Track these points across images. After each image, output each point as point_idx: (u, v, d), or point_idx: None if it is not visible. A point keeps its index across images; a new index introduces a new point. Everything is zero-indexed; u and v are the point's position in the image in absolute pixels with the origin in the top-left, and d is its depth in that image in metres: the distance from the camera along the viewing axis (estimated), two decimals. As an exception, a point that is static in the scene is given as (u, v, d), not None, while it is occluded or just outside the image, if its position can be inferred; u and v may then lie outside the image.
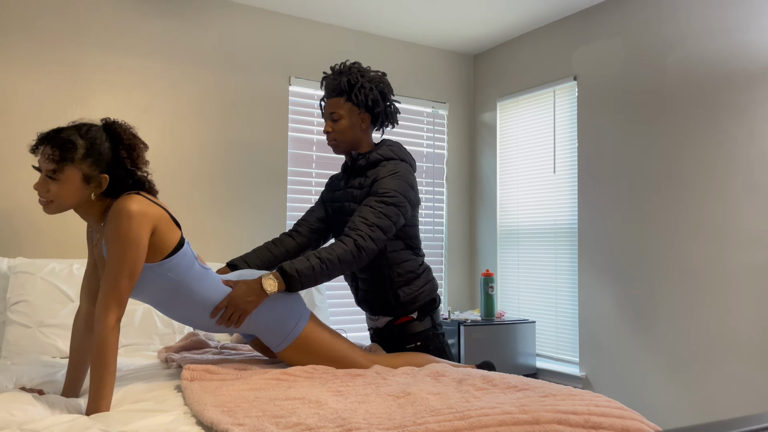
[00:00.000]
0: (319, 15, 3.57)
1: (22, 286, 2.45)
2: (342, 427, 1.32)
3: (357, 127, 2.13)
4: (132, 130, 1.70)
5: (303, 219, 2.31)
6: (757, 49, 2.64)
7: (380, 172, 2.06)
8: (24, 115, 2.84)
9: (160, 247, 1.65)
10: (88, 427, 1.39)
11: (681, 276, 2.87)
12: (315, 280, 1.88)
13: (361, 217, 1.95)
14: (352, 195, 2.13)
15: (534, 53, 3.76)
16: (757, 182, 2.61)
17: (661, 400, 2.93)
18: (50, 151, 1.57)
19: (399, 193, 2.01)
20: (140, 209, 1.59)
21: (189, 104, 3.23)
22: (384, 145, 2.15)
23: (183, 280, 1.71)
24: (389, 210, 1.98)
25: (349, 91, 2.09)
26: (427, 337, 2.14)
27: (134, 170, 1.67)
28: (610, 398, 1.73)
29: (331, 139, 2.15)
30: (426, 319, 2.15)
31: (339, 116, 2.11)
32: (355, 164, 2.14)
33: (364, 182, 2.10)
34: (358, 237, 1.92)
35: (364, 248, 1.92)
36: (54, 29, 2.92)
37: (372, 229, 1.94)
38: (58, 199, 1.59)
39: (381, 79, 2.14)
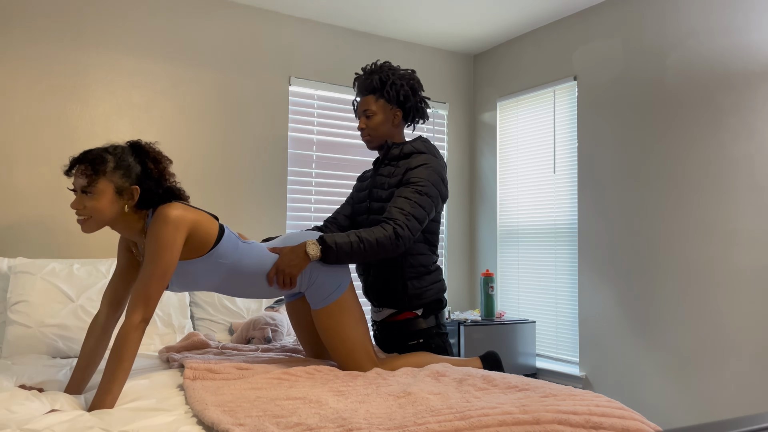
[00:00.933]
0: (319, 15, 3.57)
1: (23, 286, 2.45)
2: (342, 427, 1.32)
3: (390, 122, 2.20)
4: (156, 146, 1.83)
5: (332, 217, 2.35)
6: (757, 49, 2.64)
7: (413, 163, 2.10)
8: (24, 115, 2.84)
9: (204, 242, 1.78)
10: (88, 427, 1.39)
11: (681, 276, 2.87)
12: (350, 256, 1.91)
13: (397, 207, 1.99)
14: (380, 182, 2.17)
15: (534, 53, 3.76)
16: (757, 182, 2.61)
17: (662, 400, 2.93)
18: (83, 167, 1.67)
19: (432, 184, 2.05)
20: (177, 215, 1.70)
21: (189, 104, 3.23)
22: (418, 139, 2.20)
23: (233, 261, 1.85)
24: (423, 200, 2.01)
25: (381, 88, 2.17)
26: (430, 335, 2.15)
27: (164, 180, 1.78)
28: (611, 398, 1.73)
29: (365, 134, 2.21)
30: (430, 318, 2.16)
31: (372, 113, 2.18)
32: (388, 153, 2.19)
33: (395, 171, 2.14)
34: (396, 226, 1.95)
35: (401, 236, 1.95)
36: (54, 29, 2.92)
37: (408, 218, 1.97)
38: (95, 213, 1.68)
39: (411, 75, 2.20)
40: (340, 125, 3.72)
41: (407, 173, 2.08)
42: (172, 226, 1.68)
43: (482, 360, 2.11)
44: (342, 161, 3.72)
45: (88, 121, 2.98)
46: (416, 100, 2.21)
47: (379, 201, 2.15)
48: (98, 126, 3.00)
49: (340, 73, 3.72)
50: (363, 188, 2.28)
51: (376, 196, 2.17)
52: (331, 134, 3.69)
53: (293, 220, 3.54)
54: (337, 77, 3.70)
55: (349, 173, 3.74)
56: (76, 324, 2.45)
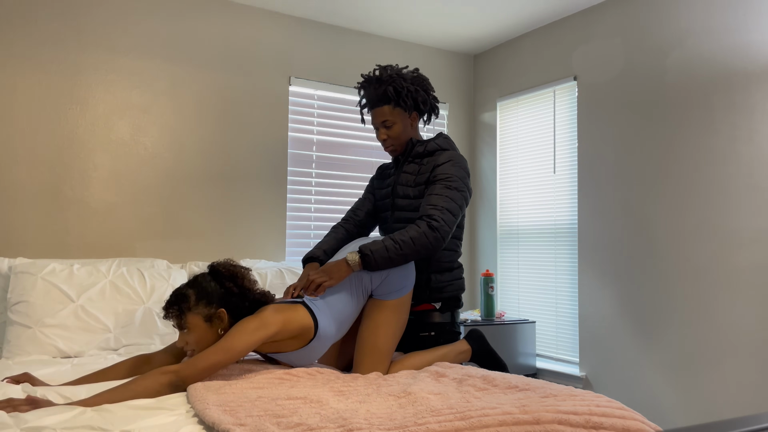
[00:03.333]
0: (319, 15, 3.57)
1: (23, 286, 2.45)
2: (343, 427, 1.32)
3: (409, 127, 2.23)
4: (231, 261, 1.93)
5: (352, 214, 2.37)
6: (757, 49, 2.64)
7: (439, 159, 2.12)
8: (24, 115, 2.84)
9: (301, 333, 1.85)
10: (89, 426, 1.39)
11: (681, 276, 2.87)
12: (390, 260, 1.94)
13: (430, 205, 2.01)
14: (405, 180, 2.19)
15: (534, 53, 3.76)
16: (757, 182, 2.61)
17: (662, 400, 2.93)
18: (172, 309, 1.82)
19: (460, 179, 2.07)
20: (266, 315, 1.78)
21: (189, 104, 3.23)
22: (440, 136, 2.24)
23: (333, 334, 1.96)
24: (454, 194, 2.04)
25: (396, 98, 2.17)
26: (443, 330, 2.17)
27: (247, 293, 1.88)
28: (611, 398, 1.73)
29: (389, 145, 2.24)
30: (447, 314, 2.19)
31: (392, 123, 2.19)
32: (413, 151, 2.21)
33: (420, 169, 2.16)
34: (430, 220, 1.97)
35: (437, 229, 1.96)
36: (54, 29, 2.92)
37: (442, 212, 1.99)
38: (198, 345, 1.81)
39: (419, 76, 2.22)
40: (340, 125, 3.72)
41: (435, 170, 2.10)
42: (260, 322, 1.76)
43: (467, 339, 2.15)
44: (342, 161, 3.72)
45: (88, 121, 2.98)
46: (430, 100, 2.24)
47: (406, 198, 2.18)
48: (98, 126, 3.00)
49: (340, 73, 3.72)
50: (385, 185, 2.30)
51: (401, 193, 2.19)
52: (331, 134, 3.69)
53: (293, 220, 3.54)
54: (337, 77, 3.70)
55: (349, 173, 3.74)
56: (76, 324, 2.45)
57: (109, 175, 3.01)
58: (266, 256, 3.40)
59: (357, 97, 3.76)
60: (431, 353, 2.07)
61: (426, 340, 2.16)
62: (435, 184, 2.07)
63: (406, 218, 2.16)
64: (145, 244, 3.06)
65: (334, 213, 3.66)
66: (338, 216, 3.68)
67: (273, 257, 3.43)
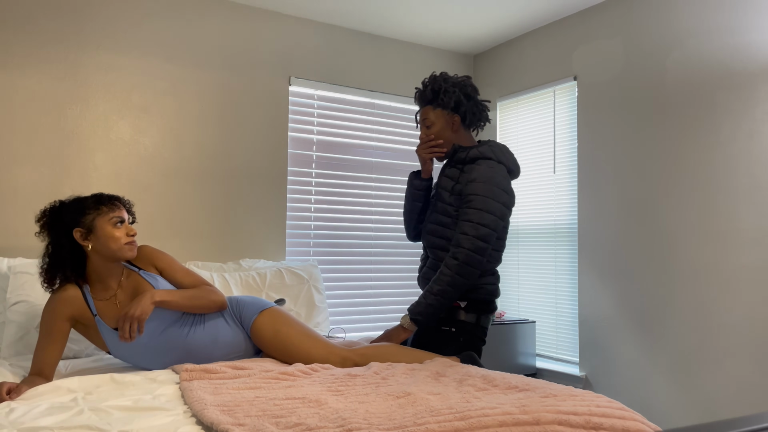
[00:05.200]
0: (319, 15, 3.57)
1: (22, 286, 2.45)
2: (342, 428, 1.32)
3: (449, 128, 2.28)
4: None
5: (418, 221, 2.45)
6: (757, 49, 2.63)
7: (473, 174, 2.15)
8: (24, 115, 2.84)
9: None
10: (87, 426, 1.39)
11: (681, 276, 2.87)
12: (434, 313, 2.12)
13: (462, 233, 2.10)
14: (444, 183, 2.27)
15: (534, 53, 3.75)
16: (757, 182, 2.61)
17: (662, 400, 2.92)
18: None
19: (490, 198, 2.11)
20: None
21: (189, 104, 3.23)
22: (486, 144, 2.27)
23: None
24: (484, 217, 2.09)
25: (435, 97, 2.26)
26: (464, 329, 2.20)
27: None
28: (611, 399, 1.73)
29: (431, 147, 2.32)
30: (471, 315, 2.21)
31: (431, 122, 2.28)
32: (455, 156, 2.27)
33: (460, 177, 2.22)
34: (460, 254, 2.08)
35: (468, 263, 2.08)
36: (54, 29, 2.91)
37: (472, 241, 2.08)
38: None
39: (464, 81, 2.28)
40: (340, 125, 3.72)
41: (467, 186, 2.15)
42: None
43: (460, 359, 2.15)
44: (342, 161, 3.72)
45: (88, 121, 2.98)
46: (470, 104, 2.27)
47: (443, 202, 2.25)
48: (98, 126, 3.00)
49: (340, 73, 3.72)
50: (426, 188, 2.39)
51: (440, 197, 2.27)
52: (331, 134, 3.69)
53: (293, 220, 3.54)
54: (337, 77, 3.70)
55: (349, 173, 3.73)
56: (76, 324, 2.44)
57: (109, 175, 3.01)
58: (266, 256, 3.40)
59: (357, 98, 3.78)
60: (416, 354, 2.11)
61: (446, 335, 2.20)
62: (467, 209, 2.12)
63: (441, 222, 2.24)
64: (145, 245, 3.06)
65: (334, 213, 3.66)
66: (338, 216, 3.68)
67: (273, 257, 3.42)
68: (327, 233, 3.64)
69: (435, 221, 2.26)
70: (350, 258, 3.71)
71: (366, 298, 3.76)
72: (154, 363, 2.08)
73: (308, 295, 3.10)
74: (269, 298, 2.98)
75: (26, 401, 1.65)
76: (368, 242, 3.78)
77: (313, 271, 3.21)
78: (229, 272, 2.99)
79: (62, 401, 1.62)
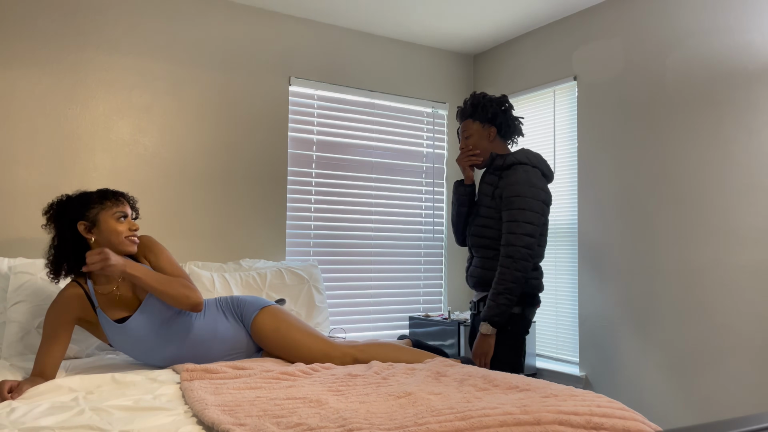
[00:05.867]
0: (319, 15, 3.57)
1: (22, 286, 2.45)
2: (343, 427, 1.32)
3: (485, 138, 2.51)
4: None
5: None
6: (757, 49, 2.64)
7: (511, 178, 2.36)
8: (24, 115, 2.84)
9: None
10: (88, 426, 1.39)
11: (681, 276, 2.87)
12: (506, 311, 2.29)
13: (511, 233, 2.31)
14: (484, 189, 2.49)
15: (534, 53, 3.76)
16: (757, 182, 2.61)
17: (662, 400, 2.93)
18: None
19: (529, 197, 2.32)
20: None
21: (189, 104, 3.23)
22: (521, 151, 2.47)
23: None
24: (527, 215, 2.30)
25: (473, 111, 2.51)
26: (511, 320, 2.36)
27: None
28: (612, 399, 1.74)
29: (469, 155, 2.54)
30: (518, 307, 2.38)
31: (469, 134, 2.53)
32: (493, 163, 2.48)
33: (498, 183, 2.42)
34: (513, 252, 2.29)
35: (519, 259, 2.28)
36: (54, 29, 2.91)
37: (519, 237, 2.29)
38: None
39: (500, 98, 2.52)
40: (340, 125, 3.72)
41: (506, 189, 2.35)
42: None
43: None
44: (342, 161, 3.72)
45: (88, 121, 2.98)
46: (506, 117, 2.51)
47: (485, 206, 2.46)
48: (98, 126, 3.00)
49: (340, 73, 3.72)
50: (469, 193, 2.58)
51: (482, 202, 2.49)
52: (331, 134, 3.69)
53: (293, 220, 3.54)
54: (337, 77, 3.70)
55: (349, 173, 3.73)
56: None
57: (109, 175, 3.01)
58: (266, 256, 3.40)
59: (357, 98, 3.78)
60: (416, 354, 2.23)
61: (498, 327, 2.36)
62: (509, 211, 2.33)
63: (484, 224, 2.45)
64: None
65: (334, 213, 3.66)
66: (338, 216, 3.68)
67: (273, 257, 3.43)
68: (327, 233, 3.64)
69: (479, 224, 2.46)
70: (350, 258, 3.71)
71: (366, 298, 3.76)
72: (155, 355, 2.10)
73: (308, 295, 3.10)
74: (269, 298, 2.98)
75: (27, 401, 1.65)
76: (368, 242, 3.78)
77: (313, 271, 3.21)
78: (229, 272, 2.99)
79: (63, 401, 1.62)
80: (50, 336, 1.98)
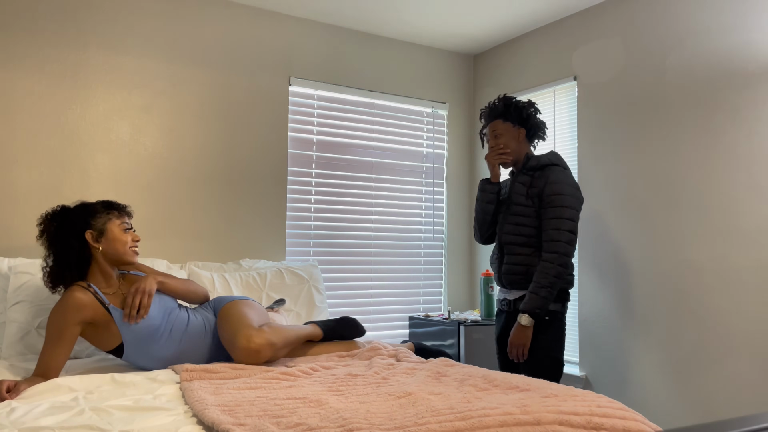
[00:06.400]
0: (319, 15, 3.57)
1: (22, 286, 2.45)
2: (343, 428, 1.32)
3: (515, 139, 2.60)
4: None
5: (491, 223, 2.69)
6: (757, 49, 2.64)
7: (550, 177, 2.46)
8: (24, 115, 2.84)
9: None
10: (88, 426, 1.39)
11: (681, 276, 2.87)
12: (547, 305, 2.39)
13: (553, 229, 2.41)
14: (519, 189, 2.55)
15: (534, 53, 3.76)
16: (757, 182, 2.61)
17: (662, 400, 2.93)
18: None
19: (569, 195, 2.43)
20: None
21: (189, 104, 3.23)
22: (551, 153, 2.58)
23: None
24: (569, 212, 2.41)
25: (505, 111, 2.59)
26: (555, 316, 2.48)
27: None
28: (612, 399, 1.74)
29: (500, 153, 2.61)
30: (557, 303, 2.49)
31: (500, 133, 2.59)
32: (527, 163, 2.55)
33: (532, 182, 2.51)
34: (558, 247, 2.39)
35: (566, 254, 2.39)
36: (54, 29, 2.91)
37: (565, 235, 2.40)
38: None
39: (529, 102, 2.62)
40: (340, 125, 3.72)
41: (547, 187, 2.44)
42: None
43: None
44: (342, 161, 3.72)
45: (88, 121, 2.98)
46: (535, 121, 2.61)
47: (519, 205, 2.53)
48: (98, 126, 3.00)
49: (340, 73, 3.72)
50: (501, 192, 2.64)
51: (515, 201, 2.55)
52: (331, 134, 3.69)
53: (293, 220, 3.54)
54: (337, 77, 3.70)
55: (349, 173, 3.73)
56: (76, 324, 2.44)
57: (109, 175, 3.01)
58: (266, 256, 3.40)
59: (357, 98, 3.78)
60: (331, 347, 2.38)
61: (542, 324, 2.45)
62: (551, 209, 2.42)
63: (518, 222, 2.52)
64: (144, 244, 3.06)
65: (334, 213, 3.66)
66: (338, 216, 3.68)
67: (273, 257, 3.42)
68: (327, 233, 3.64)
69: (513, 222, 2.54)
70: (350, 258, 3.71)
71: (366, 298, 3.76)
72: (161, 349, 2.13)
73: (308, 295, 3.10)
74: (269, 298, 2.98)
75: (27, 400, 1.65)
76: (368, 242, 3.78)
77: (313, 271, 3.21)
78: (229, 272, 2.99)
79: (63, 401, 1.62)
80: (56, 338, 1.98)
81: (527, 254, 2.50)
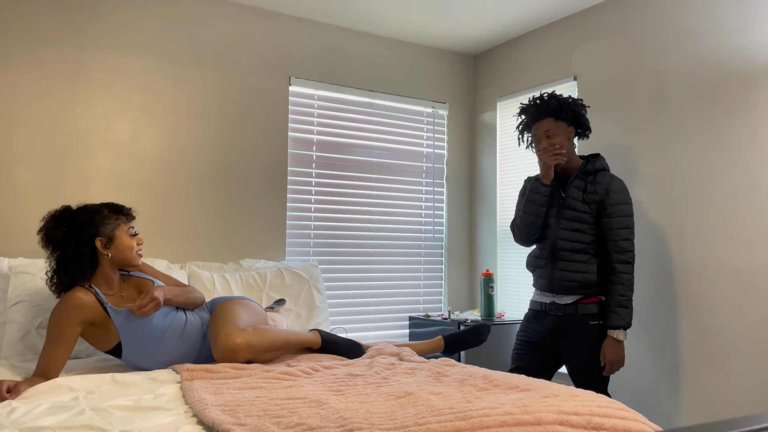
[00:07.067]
0: (319, 15, 3.57)
1: (22, 286, 2.45)
2: (343, 428, 1.32)
3: (568, 139, 2.54)
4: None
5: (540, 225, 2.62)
6: (757, 49, 2.64)
7: (612, 186, 2.45)
8: (24, 115, 2.84)
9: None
10: (88, 426, 1.39)
11: (681, 276, 2.87)
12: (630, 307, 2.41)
13: (624, 239, 2.43)
14: (574, 193, 2.50)
15: (534, 53, 3.76)
16: (757, 182, 2.61)
17: (662, 400, 2.93)
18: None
19: (629, 205, 2.46)
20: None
21: (189, 104, 3.23)
22: (600, 157, 2.56)
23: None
24: (631, 221, 2.45)
25: (559, 110, 2.49)
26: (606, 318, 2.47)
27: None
28: (612, 399, 1.74)
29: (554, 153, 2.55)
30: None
31: (553, 133, 2.50)
32: (585, 167, 2.52)
33: (587, 188, 2.48)
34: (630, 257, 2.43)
35: (633, 263, 2.44)
36: (54, 29, 2.91)
37: (630, 243, 2.43)
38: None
39: (575, 100, 2.54)
40: (340, 125, 3.72)
41: (611, 197, 2.43)
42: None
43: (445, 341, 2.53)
44: (342, 161, 3.72)
45: (88, 121, 2.98)
46: (586, 120, 2.55)
47: (576, 210, 2.49)
48: (98, 126, 3.00)
49: (340, 73, 3.72)
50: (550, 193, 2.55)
51: (570, 206, 2.50)
52: (331, 134, 3.69)
53: (293, 220, 3.54)
54: (337, 77, 3.70)
55: (349, 173, 3.73)
56: (76, 324, 2.44)
57: (109, 175, 3.01)
58: (266, 256, 3.40)
59: (357, 98, 3.77)
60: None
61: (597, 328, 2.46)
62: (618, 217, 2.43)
63: (575, 228, 2.48)
64: (145, 244, 3.06)
65: (334, 213, 3.66)
66: (338, 216, 3.68)
67: (273, 257, 3.43)
68: (327, 233, 3.64)
69: (568, 228, 2.49)
70: (350, 258, 3.71)
71: (366, 298, 3.76)
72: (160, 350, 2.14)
73: (308, 295, 3.10)
74: (269, 298, 2.98)
75: (27, 400, 1.65)
76: (368, 242, 3.78)
77: (313, 271, 3.21)
78: (229, 272, 2.99)
79: (63, 400, 1.62)
80: (56, 338, 1.99)
81: (584, 261, 2.47)
